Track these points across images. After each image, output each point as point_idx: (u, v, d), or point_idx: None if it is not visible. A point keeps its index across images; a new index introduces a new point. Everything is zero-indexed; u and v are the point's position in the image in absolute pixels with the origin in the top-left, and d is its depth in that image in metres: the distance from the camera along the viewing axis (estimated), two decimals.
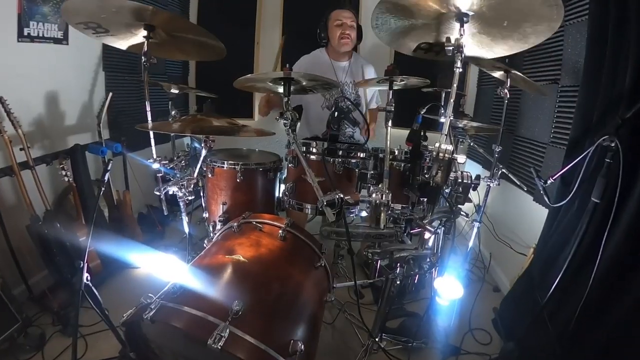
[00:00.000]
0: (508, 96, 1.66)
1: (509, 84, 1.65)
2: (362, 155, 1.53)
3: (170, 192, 1.48)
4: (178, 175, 1.57)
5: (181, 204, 1.56)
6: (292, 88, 1.31)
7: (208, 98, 1.80)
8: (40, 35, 1.83)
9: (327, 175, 1.36)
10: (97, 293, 1.06)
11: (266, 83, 1.41)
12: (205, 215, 1.78)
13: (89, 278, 1.04)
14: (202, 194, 1.81)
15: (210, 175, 1.67)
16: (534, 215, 1.88)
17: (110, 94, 2.21)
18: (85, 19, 1.30)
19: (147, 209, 2.70)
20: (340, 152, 1.50)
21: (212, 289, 0.96)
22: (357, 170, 1.51)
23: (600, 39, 1.37)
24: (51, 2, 1.84)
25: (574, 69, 1.68)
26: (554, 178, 1.35)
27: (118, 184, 2.39)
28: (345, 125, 2.12)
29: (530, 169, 1.59)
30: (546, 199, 1.47)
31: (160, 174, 1.52)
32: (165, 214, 1.66)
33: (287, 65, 1.31)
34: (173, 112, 1.72)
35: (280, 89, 1.36)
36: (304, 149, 1.53)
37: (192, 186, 1.52)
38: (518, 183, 1.85)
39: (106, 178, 1.21)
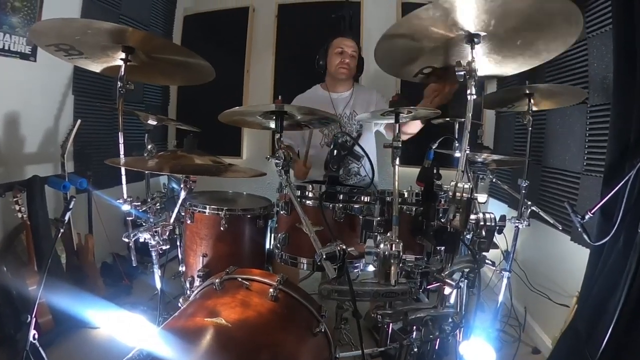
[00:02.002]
0: (531, 121, 1.71)
1: (532, 108, 1.71)
2: (366, 199, 1.54)
3: (141, 240, 1.48)
4: (151, 220, 1.56)
5: (153, 254, 1.55)
6: (285, 123, 1.35)
7: (190, 132, 1.85)
8: (6, 48, 1.91)
9: (326, 223, 1.36)
10: (44, 355, 1.03)
11: (256, 117, 1.46)
12: (182, 268, 1.76)
13: (36, 336, 1.01)
14: (178, 244, 1.81)
15: (189, 222, 1.67)
16: (573, 258, 1.87)
17: (79, 121, 2.26)
18: (57, 40, 1.35)
19: (112, 258, 2.68)
20: (341, 197, 1.51)
21: (187, 358, 0.93)
22: (361, 216, 1.51)
23: (628, 50, 1.44)
24: (22, 12, 1.94)
25: (603, 85, 1.75)
26: (592, 212, 1.36)
27: (80, 226, 2.39)
28: (349, 161, 2.16)
29: (564, 204, 1.60)
30: (586, 237, 1.46)
31: (131, 218, 1.51)
32: (134, 265, 1.64)
33: (280, 97, 1.36)
34: (149, 147, 1.75)
35: (272, 124, 1.40)
36: (298, 192, 1.54)
37: (167, 233, 1.51)
38: (551, 221, 1.85)
39: (67, 218, 1.21)
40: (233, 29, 3.45)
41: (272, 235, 1.76)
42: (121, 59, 1.44)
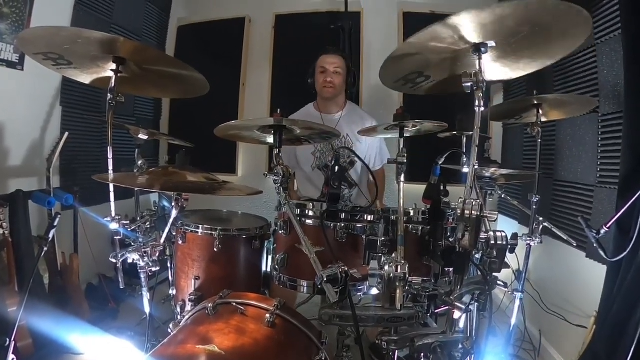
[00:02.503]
0: (540, 133, 1.72)
1: (541, 119, 1.72)
2: (369, 218, 1.54)
3: (130, 261, 1.46)
4: (141, 239, 1.55)
5: (142, 276, 1.53)
6: (283, 138, 1.36)
7: (183, 147, 1.85)
8: None
9: (328, 244, 1.36)
10: None
11: (253, 131, 1.46)
12: (173, 292, 1.75)
13: None
14: (169, 265, 1.80)
15: (180, 242, 1.66)
16: (589, 276, 1.87)
17: (67, 133, 2.28)
18: (45, 49, 1.36)
19: (98, 280, 2.67)
20: (343, 216, 1.50)
21: None
22: (364, 237, 1.50)
23: (639, 55, 1.47)
24: (10, 19, 1.96)
25: (614, 92, 1.77)
26: (608, 226, 1.36)
27: (65, 245, 2.38)
28: (342, 186, 2.16)
29: (577, 219, 1.61)
30: (602, 253, 1.46)
31: (119, 237, 1.50)
32: (122, 287, 1.62)
33: (278, 111, 1.37)
34: (140, 162, 1.76)
35: (270, 139, 1.40)
36: (298, 211, 1.53)
37: (157, 254, 1.50)
38: (565, 238, 1.85)
39: (51, 235, 1.20)
40: (228, 40, 3.50)
41: (269, 256, 1.75)
42: (112, 70, 1.45)
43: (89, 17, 2.60)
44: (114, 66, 1.44)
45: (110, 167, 1.48)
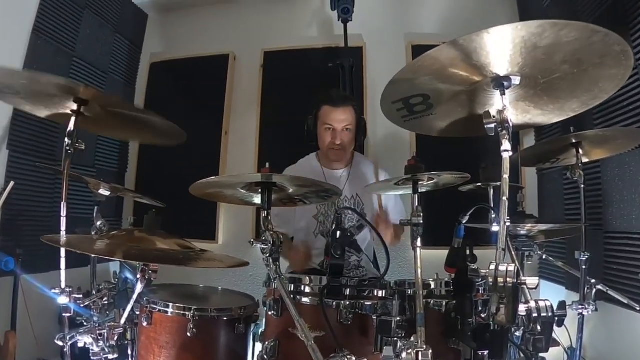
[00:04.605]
0: (583, 177, 1.74)
1: (582, 160, 1.75)
2: (380, 293, 1.53)
3: (81, 344, 1.40)
4: (96, 318, 1.55)
5: None
6: (274, 198, 1.37)
7: (152, 207, 1.86)
8: None
9: (329, 327, 1.35)
10: None
11: (237, 190, 1.48)
12: None
13: None
14: (130, 352, 1.72)
15: (145, 324, 1.63)
16: None
17: (12, 183, 2.29)
18: None
19: None
20: (348, 292, 1.50)
21: None
22: (374, 317, 1.49)
23: None
24: None
25: None
26: None
27: (0, 320, 2.33)
28: (348, 254, 2.15)
29: (638, 276, 1.57)
30: None
31: (68, 314, 1.48)
32: None
33: (267, 165, 1.39)
34: (99, 223, 1.77)
35: (257, 199, 1.42)
36: (292, 287, 1.53)
37: (115, 338, 1.44)
38: (625, 301, 1.83)
39: None
40: (209, 80, 3.61)
41: (256, 344, 1.71)
42: (71, 111, 1.46)
43: (49, 47, 2.71)
44: (74, 106, 1.45)
45: (63, 227, 1.47)
